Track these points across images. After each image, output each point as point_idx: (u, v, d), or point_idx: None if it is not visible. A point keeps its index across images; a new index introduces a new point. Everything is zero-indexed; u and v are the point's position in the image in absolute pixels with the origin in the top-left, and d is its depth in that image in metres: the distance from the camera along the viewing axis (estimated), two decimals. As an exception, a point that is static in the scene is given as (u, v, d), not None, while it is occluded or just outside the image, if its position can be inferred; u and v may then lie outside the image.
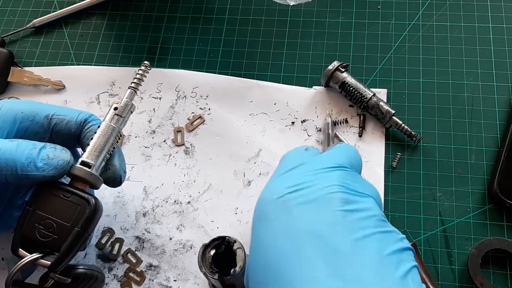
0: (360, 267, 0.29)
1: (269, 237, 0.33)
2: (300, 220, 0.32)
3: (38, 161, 0.37)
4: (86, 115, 0.42)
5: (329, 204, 0.33)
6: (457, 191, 0.50)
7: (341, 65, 0.54)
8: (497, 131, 0.53)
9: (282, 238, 0.32)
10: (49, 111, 0.41)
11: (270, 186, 0.36)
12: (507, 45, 0.57)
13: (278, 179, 0.37)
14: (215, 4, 0.64)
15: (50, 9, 0.66)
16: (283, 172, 0.37)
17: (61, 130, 0.41)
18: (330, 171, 0.36)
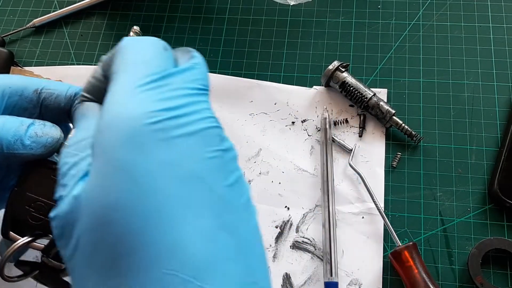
0: (238, 217, 0.28)
1: (146, 173, 0.25)
2: (186, 159, 0.26)
3: (25, 139, 0.34)
4: (77, 89, 0.39)
5: (210, 142, 0.27)
6: (458, 191, 0.50)
7: (341, 65, 0.54)
8: (498, 131, 0.53)
9: (165, 179, 0.25)
10: (38, 85, 0.39)
11: (135, 98, 0.27)
12: (508, 45, 0.57)
13: (144, 91, 0.27)
14: (215, 4, 0.64)
15: (50, 8, 0.66)
16: (147, 80, 0.28)
17: (50, 104, 0.39)
18: (200, 95, 0.29)
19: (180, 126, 0.27)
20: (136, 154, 0.25)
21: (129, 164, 0.25)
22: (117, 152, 0.26)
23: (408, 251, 0.45)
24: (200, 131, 0.27)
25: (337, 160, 0.53)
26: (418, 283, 0.44)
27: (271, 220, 0.51)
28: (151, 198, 0.25)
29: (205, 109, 0.28)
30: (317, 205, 0.51)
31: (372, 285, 0.47)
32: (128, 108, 0.26)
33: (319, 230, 0.50)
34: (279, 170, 0.53)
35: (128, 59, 0.30)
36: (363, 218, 0.50)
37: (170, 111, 0.27)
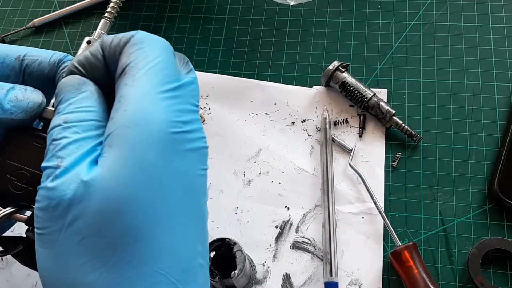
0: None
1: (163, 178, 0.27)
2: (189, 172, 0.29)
3: (5, 103, 0.33)
4: (61, 56, 0.38)
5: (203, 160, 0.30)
6: (457, 191, 0.50)
7: (341, 65, 0.54)
8: (497, 131, 0.53)
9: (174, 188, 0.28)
10: (20, 52, 0.38)
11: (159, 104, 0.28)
12: (507, 45, 0.57)
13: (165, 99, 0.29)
14: (215, 3, 0.64)
15: (50, 8, 0.66)
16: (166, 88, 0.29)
17: (33, 71, 0.38)
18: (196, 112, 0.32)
19: (189, 141, 0.29)
20: (160, 159, 0.27)
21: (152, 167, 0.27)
22: (145, 153, 0.27)
23: (408, 251, 0.45)
24: (199, 149, 0.30)
25: (337, 160, 0.53)
26: (418, 283, 0.44)
27: (271, 220, 0.51)
28: (161, 201, 0.27)
29: (201, 128, 0.31)
30: (317, 205, 0.51)
31: (372, 285, 0.47)
32: (155, 112, 0.28)
33: (319, 230, 0.50)
34: (279, 170, 0.53)
35: (148, 60, 0.30)
36: (363, 218, 0.50)
37: (185, 124, 0.29)
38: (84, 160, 0.28)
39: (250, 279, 0.48)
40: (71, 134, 0.29)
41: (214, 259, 0.43)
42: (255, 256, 0.49)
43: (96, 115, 0.31)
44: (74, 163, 0.28)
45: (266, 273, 0.49)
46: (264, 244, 0.50)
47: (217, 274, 0.42)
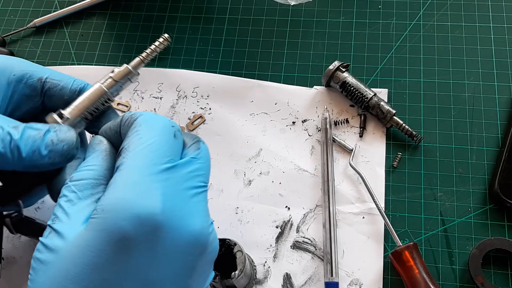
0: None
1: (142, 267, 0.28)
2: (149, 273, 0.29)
3: (42, 148, 0.34)
4: (81, 84, 0.40)
5: (193, 251, 0.30)
6: (458, 191, 0.50)
7: (342, 65, 0.54)
8: (498, 131, 0.53)
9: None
10: (43, 73, 0.39)
11: (143, 185, 0.29)
12: (508, 45, 0.57)
13: (152, 180, 0.30)
14: (216, 4, 0.64)
15: (51, 9, 0.66)
16: (156, 170, 0.30)
17: (53, 95, 0.39)
18: (198, 194, 0.32)
19: (166, 233, 0.29)
20: (117, 257, 0.28)
21: (105, 267, 0.28)
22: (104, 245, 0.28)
23: (409, 251, 0.45)
24: (184, 244, 0.30)
25: (337, 160, 0.53)
26: (419, 283, 0.44)
27: (272, 220, 0.51)
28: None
29: (201, 216, 0.31)
30: (318, 205, 0.51)
31: (373, 285, 0.47)
32: (131, 199, 0.29)
33: (320, 230, 0.50)
34: (279, 170, 0.53)
35: (139, 142, 0.31)
36: (364, 218, 0.50)
37: (160, 210, 0.29)
38: (73, 219, 0.30)
39: (251, 279, 0.48)
40: (69, 192, 0.31)
41: (214, 260, 0.43)
42: (256, 256, 0.49)
43: (96, 174, 0.32)
44: (64, 221, 0.30)
45: (267, 273, 0.49)
46: (265, 244, 0.50)
47: (217, 275, 0.42)
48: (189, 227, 0.30)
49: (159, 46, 0.42)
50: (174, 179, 0.31)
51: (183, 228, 0.29)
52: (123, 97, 0.59)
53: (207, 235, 0.31)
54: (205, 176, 0.33)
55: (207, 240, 0.31)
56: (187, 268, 0.30)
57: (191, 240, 0.30)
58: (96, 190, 0.32)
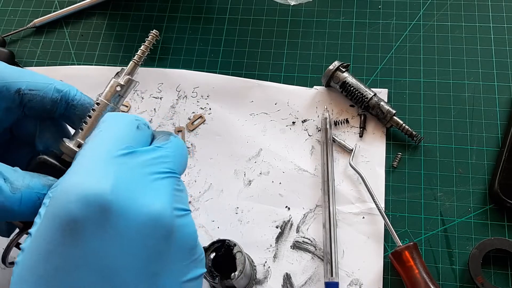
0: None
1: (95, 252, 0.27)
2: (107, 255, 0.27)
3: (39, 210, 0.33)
4: (63, 91, 0.38)
5: (152, 234, 0.28)
6: (458, 191, 0.50)
7: (342, 65, 0.54)
8: (498, 131, 0.53)
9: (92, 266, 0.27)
10: (20, 84, 0.37)
11: (95, 169, 0.28)
12: (508, 45, 0.57)
13: (105, 165, 0.29)
14: (216, 4, 0.64)
15: (51, 9, 0.66)
16: (110, 156, 0.29)
17: (34, 106, 0.37)
18: (161, 179, 0.30)
19: (119, 215, 0.27)
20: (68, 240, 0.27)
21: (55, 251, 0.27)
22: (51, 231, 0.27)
23: (409, 251, 0.45)
24: (138, 227, 0.28)
25: (337, 160, 0.53)
26: (419, 283, 0.44)
27: (272, 220, 0.51)
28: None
29: (160, 197, 0.29)
30: (318, 205, 0.51)
31: (373, 285, 0.47)
32: (86, 180, 0.28)
33: (320, 230, 0.50)
34: (279, 170, 0.53)
35: (102, 134, 0.31)
36: (364, 218, 0.50)
37: (111, 192, 0.27)
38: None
39: (251, 280, 0.48)
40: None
41: (214, 260, 0.43)
42: (256, 256, 0.49)
43: None
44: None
45: (267, 273, 0.49)
46: (265, 244, 0.50)
47: (217, 276, 0.42)
48: (145, 208, 0.28)
49: (149, 45, 0.41)
50: (131, 164, 0.30)
51: (138, 209, 0.28)
52: (123, 97, 0.59)
53: (171, 218, 0.29)
54: (172, 163, 0.32)
55: (171, 223, 0.29)
56: (149, 253, 0.28)
57: (148, 222, 0.28)
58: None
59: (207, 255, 0.43)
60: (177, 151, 0.33)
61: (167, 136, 0.34)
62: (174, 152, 0.32)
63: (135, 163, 0.30)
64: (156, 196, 0.29)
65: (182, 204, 0.31)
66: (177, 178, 0.32)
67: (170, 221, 0.29)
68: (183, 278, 0.30)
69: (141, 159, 0.30)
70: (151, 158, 0.31)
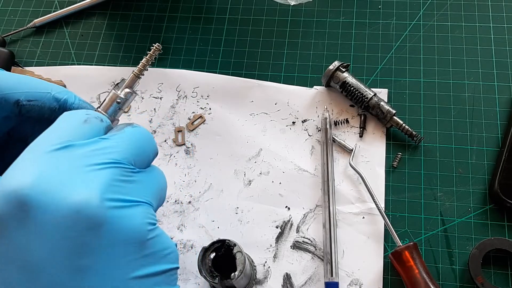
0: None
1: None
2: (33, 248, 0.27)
3: None
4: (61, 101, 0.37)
5: (74, 227, 0.27)
6: (458, 191, 0.50)
7: (342, 65, 0.54)
8: (498, 131, 0.53)
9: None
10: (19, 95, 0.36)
11: (20, 166, 0.28)
12: (508, 45, 0.57)
13: (32, 161, 0.28)
14: (216, 4, 0.64)
15: (51, 9, 0.66)
16: (41, 152, 0.29)
17: (32, 116, 0.37)
18: (98, 170, 0.29)
19: (42, 207, 0.27)
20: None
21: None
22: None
23: (409, 251, 0.45)
24: (59, 219, 0.27)
25: (337, 160, 0.53)
26: (419, 283, 0.44)
27: (272, 220, 0.51)
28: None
29: (90, 187, 0.28)
30: (318, 205, 0.51)
31: (373, 285, 0.47)
32: (7, 177, 0.27)
33: (320, 230, 0.50)
34: (279, 170, 0.53)
35: (45, 131, 0.31)
36: (364, 218, 0.50)
37: (36, 184, 0.27)
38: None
39: (251, 280, 0.48)
40: None
41: (214, 260, 0.43)
42: (256, 256, 0.49)
43: None
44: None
45: (267, 273, 0.49)
46: (265, 244, 0.50)
47: (217, 276, 0.42)
48: (67, 199, 0.27)
49: (150, 58, 0.40)
50: (64, 157, 0.29)
51: (59, 201, 0.27)
52: (123, 97, 0.59)
53: (100, 208, 0.27)
54: (117, 153, 0.30)
55: (100, 214, 0.27)
56: (73, 246, 0.27)
57: (70, 214, 0.27)
58: None
59: (207, 255, 0.43)
60: (130, 141, 0.32)
61: (123, 127, 0.33)
62: (124, 142, 0.31)
63: (69, 156, 0.29)
64: (84, 187, 0.28)
65: (122, 195, 0.29)
66: (122, 169, 0.30)
67: (98, 212, 0.27)
68: (131, 274, 0.28)
69: (77, 152, 0.29)
70: (89, 150, 0.30)
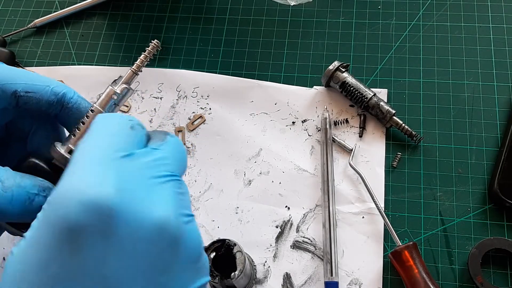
0: None
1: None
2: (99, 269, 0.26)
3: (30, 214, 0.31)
4: (59, 94, 0.37)
5: (157, 243, 0.26)
6: (458, 190, 0.50)
7: (341, 65, 0.54)
8: (498, 131, 0.53)
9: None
10: (17, 86, 0.36)
11: (94, 173, 0.27)
12: (507, 45, 0.57)
13: (104, 168, 0.27)
14: (216, 4, 0.64)
15: (51, 9, 0.67)
16: (108, 159, 0.28)
17: (30, 108, 0.36)
18: (163, 183, 0.29)
19: (124, 222, 0.26)
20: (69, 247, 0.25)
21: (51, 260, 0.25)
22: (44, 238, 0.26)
23: (408, 251, 0.45)
24: (147, 231, 0.26)
25: (337, 160, 0.53)
26: (418, 282, 0.44)
27: (272, 220, 0.51)
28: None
29: (164, 202, 0.27)
30: (318, 205, 0.51)
31: (373, 284, 0.47)
32: (87, 185, 0.26)
33: (320, 230, 0.50)
34: (279, 170, 0.53)
35: (94, 137, 0.30)
36: (363, 218, 0.50)
37: (115, 194, 0.26)
38: None
39: (251, 279, 0.48)
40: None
41: (214, 260, 0.43)
42: (256, 256, 0.49)
43: None
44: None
45: (267, 273, 0.49)
46: (265, 244, 0.50)
47: (217, 275, 0.42)
48: (150, 214, 0.26)
49: (149, 55, 0.40)
50: (131, 167, 0.28)
51: (142, 215, 0.26)
52: (123, 97, 0.59)
53: (177, 225, 0.27)
54: (171, 166, 0.30)
55: (177, 230, 0.27)
56: (155, 262, 0.26)
57: (153, 229, 0.26)
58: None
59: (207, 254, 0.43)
60: (176, 152, 0.31)
61: (164, 136, 0.32)
62: (173, 153, 0.31)
63: (133, 166, 0.28)
64: (160, 202, 0.27)
65: (186, 209, 0.29)
66: (178, 181, 0.30)
67: (176, 228, 0.27)
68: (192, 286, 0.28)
69: (139, 162, 0.29)
70: (149, 161, 0.29)
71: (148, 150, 0.30)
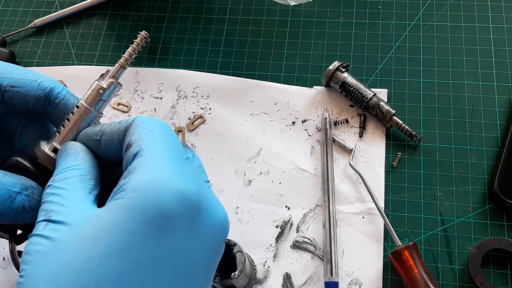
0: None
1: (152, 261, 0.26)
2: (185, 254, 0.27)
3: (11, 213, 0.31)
4: (46, 90, 0.36)
5: (220, 236, 0.29)
6: (458, 190, 0.50)
7: (341, 65, 0.54)
8: (498, 131, 0.53)
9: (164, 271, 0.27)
10: (2, 80, 0.35)
11: (175, 167, 0.28)
12: (507, 45, 0.57)
13: (180, 166, 0.29)
14: (216, 4, 0.64)
15: (51, 9, 0.67)
16: (179, 158, 0.29)
17: (16, 104, 0.35)
18: (209, 187, 0.31)
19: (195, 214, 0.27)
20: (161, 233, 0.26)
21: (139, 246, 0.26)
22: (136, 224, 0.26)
23: (408, 251, 0.45)
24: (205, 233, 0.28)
25: (337, 160, 0.53)
26: (418, 282, 0.44)
27: (272, 220, 0.51)
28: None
29: (213, 202, 0.29)
30: (318, 205, 0.51)
31: (373, 284, 0.47)
32: (167, 178, 0.27)
33: (320, 230, 0.50)
34: (279, 170, 0.53)
35: (155, 134, 0.30)
36: (364, 218, 0.50)
37: (202, 193, 0.28)
38: (74, 208, 0.28)
39: (251, 279, 0.48)
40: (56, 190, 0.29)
41: (214, 259, 0.43)
42: (256, 256, 0.49)
43: (81, 171, 0.31)
44: (63, 212, 0.28)
45: (267, 273, 0.49)
46: (265, 244, 0.50)
47: (217, 275, 0.42)
48: (218, 213, 0.29)
49: (137, 47, 0.39)
50: (192, 169, 0.30)
51: (214, 212, 0.29)
52: (123, 98, 0.59)
53: (228, 222, 0.30)
54: (206, 173, 0.32)
55: (228, 227, 0.30)
56: (216, 254, 0.29)
57: (221, 224, 0.29)
58: (86, 184, 0.30)
59: None
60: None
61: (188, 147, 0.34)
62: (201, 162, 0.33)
63: (193, 169, 0.30)
64: (217, 203, 0.30)
65: None
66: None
67: (228, 225, 0.30)
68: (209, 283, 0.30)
69: (193, 165, 0.31)
70: (199, 166, 0.31)
71: (192, 155, 0.32)
